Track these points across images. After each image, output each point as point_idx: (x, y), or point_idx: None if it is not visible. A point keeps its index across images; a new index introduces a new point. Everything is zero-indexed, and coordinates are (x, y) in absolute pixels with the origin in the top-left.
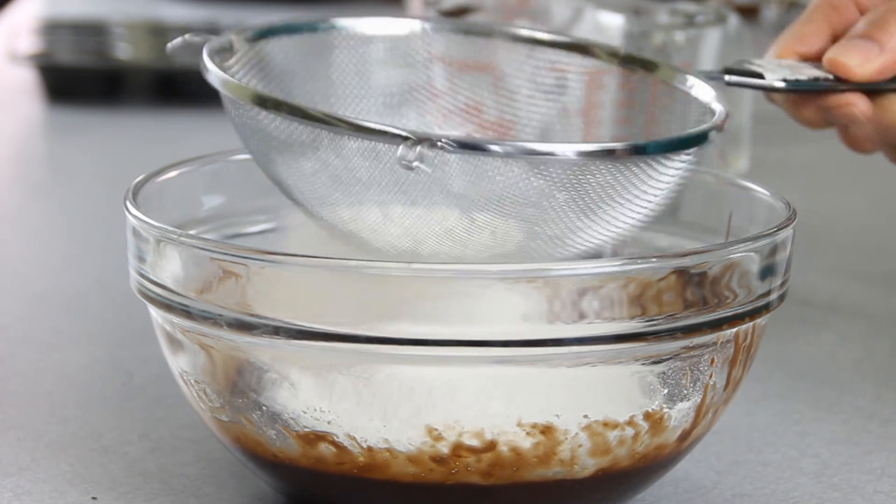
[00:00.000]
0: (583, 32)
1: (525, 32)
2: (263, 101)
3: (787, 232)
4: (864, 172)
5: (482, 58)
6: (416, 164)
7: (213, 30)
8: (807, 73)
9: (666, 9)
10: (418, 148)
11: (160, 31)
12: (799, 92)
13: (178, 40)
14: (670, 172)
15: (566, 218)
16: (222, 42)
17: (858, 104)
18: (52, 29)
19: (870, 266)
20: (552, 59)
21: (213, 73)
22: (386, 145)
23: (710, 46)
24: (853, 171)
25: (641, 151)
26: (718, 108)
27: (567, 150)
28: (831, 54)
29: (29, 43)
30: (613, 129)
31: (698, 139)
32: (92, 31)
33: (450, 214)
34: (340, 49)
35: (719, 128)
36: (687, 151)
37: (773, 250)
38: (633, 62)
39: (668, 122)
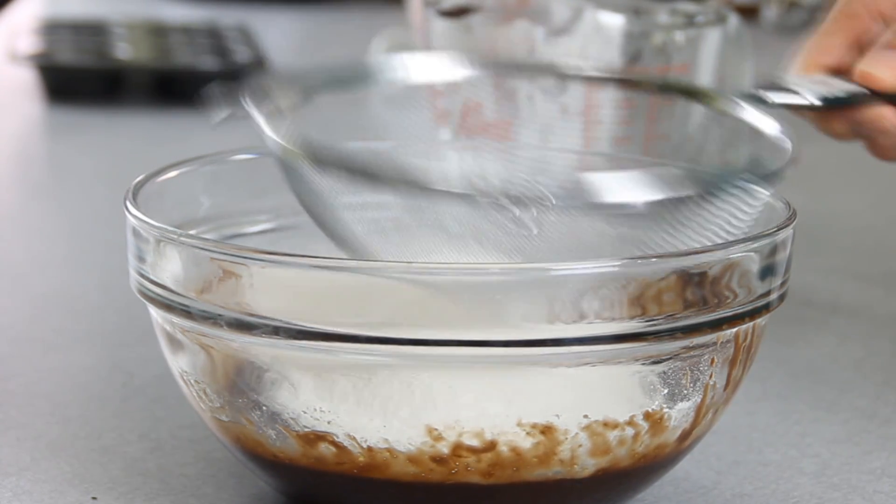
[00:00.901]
0: (582, 32)
1: (568, 69)
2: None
3: (787, 232)
4: (864, 172)
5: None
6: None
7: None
8: (840, 87)
9: (666, 9)
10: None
11: (160, 31)
12: (834, 107)
13: (222, 113)
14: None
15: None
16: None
17: (888, 116)
18: (52, 29)
19: (870, 266)
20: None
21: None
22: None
23: (710, 46)
24: (853, 171)
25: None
26: (787, 144)
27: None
28: (862, 67)
29: (29, 43)
30: (613, 129)
31: (770, 177)
32: (92, 31)
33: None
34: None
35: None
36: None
37: (773, 250)
38: (673, 90)
39: (669, 123)
